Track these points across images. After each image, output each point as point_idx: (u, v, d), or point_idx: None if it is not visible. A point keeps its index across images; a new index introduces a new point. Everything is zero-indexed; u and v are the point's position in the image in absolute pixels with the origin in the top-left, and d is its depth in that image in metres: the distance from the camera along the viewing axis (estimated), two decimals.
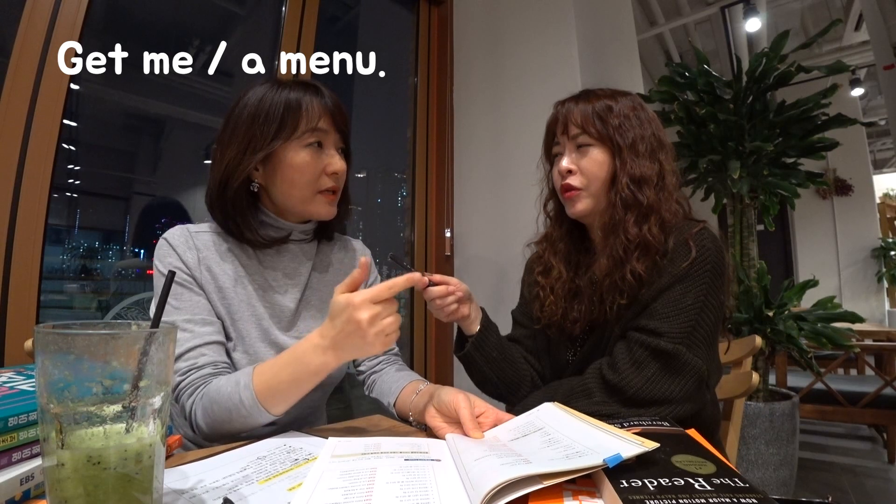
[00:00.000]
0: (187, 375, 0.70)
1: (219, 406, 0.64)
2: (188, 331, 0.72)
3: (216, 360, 0.73)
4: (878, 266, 5.14)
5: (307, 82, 0.81)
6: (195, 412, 0.68)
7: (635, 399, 0.72)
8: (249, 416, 0.63)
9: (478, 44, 2.22)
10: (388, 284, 0.61)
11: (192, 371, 0.70)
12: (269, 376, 0.63)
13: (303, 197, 0.79)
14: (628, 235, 0.77)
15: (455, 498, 0.44)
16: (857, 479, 2.25)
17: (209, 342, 0.73)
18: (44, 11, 1.23)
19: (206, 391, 0.67)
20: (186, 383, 0.69)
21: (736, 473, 0.42)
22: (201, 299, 0.76)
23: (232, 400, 0.63)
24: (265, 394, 0.63)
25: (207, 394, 0.67)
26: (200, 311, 0.75)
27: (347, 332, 0.59)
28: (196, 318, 0.73)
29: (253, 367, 0.65)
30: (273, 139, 0.75)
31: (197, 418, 0.67)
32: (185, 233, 0.79)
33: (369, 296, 0.59)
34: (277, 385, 0.62)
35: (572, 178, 0.83)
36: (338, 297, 0.60)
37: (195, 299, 0.75)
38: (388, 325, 0.60)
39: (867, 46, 4.31)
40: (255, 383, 0.63)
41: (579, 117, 0.83)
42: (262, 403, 0.62)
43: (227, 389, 0.64)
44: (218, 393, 0.65)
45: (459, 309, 0.84)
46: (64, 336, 0.33)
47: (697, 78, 2.09)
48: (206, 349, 0.72)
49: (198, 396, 0.68)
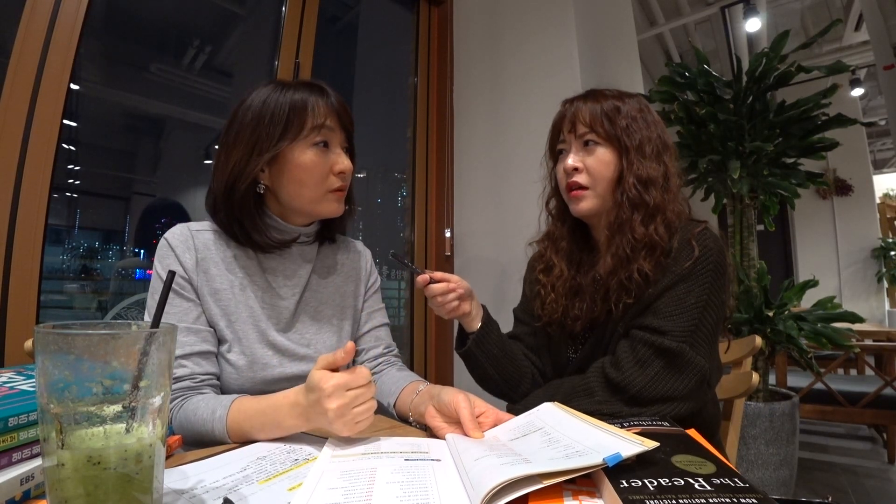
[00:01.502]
0: None
1: (191, 426, 0.66)
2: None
3: (194, 371, 0.73)
4: (878, 266, 5.14)
5: (311, 82, 0.81)
6: (173, 421, 0.69)
7: (638, 397, 0.72)
8: (222, 441, 0.65)
9: (478, 44, 2.22)
10: (365, 373, 0.60)
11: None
12: (243, 418, 0.64)
13: (312, 197, 0.79)
14: (635, 235, 0.78)
15: (455, 498, 0.44)
16: (857, 479, 2.25)
17: (189, 353, 0.73)
18: (44, 11, 1.23)
19: (184, 407, 0.68)
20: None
21: (736, 473, 0.42)
22: (191, 306, 0.75)
23: (205, 427, 0.65)
24: (234, 431, 0.64)
25: (184, 411, 0.68)
26: (187, 318, 0.74)
27: (317, 412, 0.58)
28: (180, 326, 0.73)
29: (233, 401, 0.66)
30: (280, 140, 0.75)
31: (176, 428, 0.69)
32: (186, 232, 0.79)
33: (342, 381, 0.57)
34: (248, 428, 0.63)
35: (578, 177, 0.84)
36: (313, 374, 0.58)
37: (184, 306, 0.75)
38: (358, 413, 0.57)
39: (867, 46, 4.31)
40: (229, 419, 0.64)
41: (588, 116, 0.83)
42: (229, 437, 0.64)
43: (203, 415, 0.66)
44: (194, 415, 0.67)
45: (461, 306, 0.84)
46: (64, 336, 0.33)
47: (697, 78, 2.09)
48: (185, 360, 0.73)
49: (175, 410, 0.69)
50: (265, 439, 0.63)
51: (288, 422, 0.61)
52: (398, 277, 2.35)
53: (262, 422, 0.63)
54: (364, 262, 0.96)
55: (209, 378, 0.74)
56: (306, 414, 0.59)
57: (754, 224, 2.13)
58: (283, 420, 0.61)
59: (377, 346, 0.92)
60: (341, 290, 0.91)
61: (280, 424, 0.62)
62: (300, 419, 0.60)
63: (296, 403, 0.60)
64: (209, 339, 0.76)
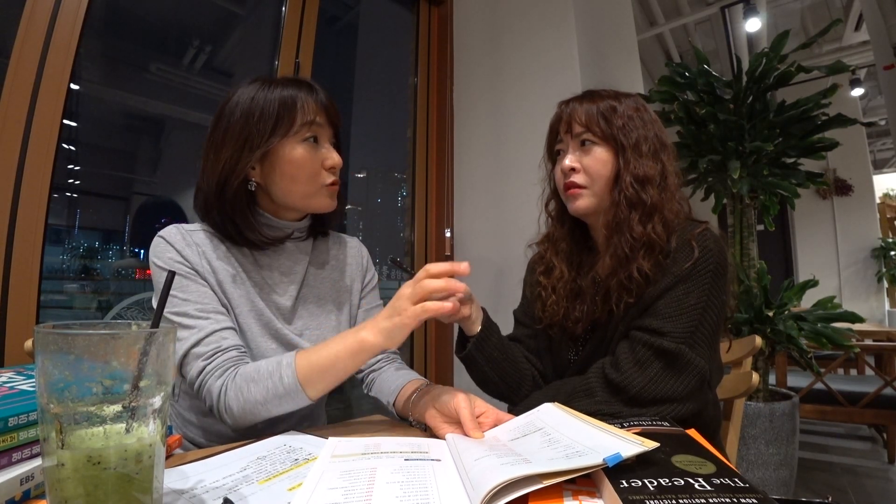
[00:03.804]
0: (213, 359, 0.69)
1: (256, 385, 0.65)
2: (204, 317, 0.72)
3: (238, 343, 0.73)
4: (878, 266, 5.14)
5: (299, 79, 0.81)
6: (226, 393, 0.67)
7: (638, 398, 0.72)
8: (286, 395, 0.64)
9: (478, 44, 2.22)
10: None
11: (218, 353, 0.69)
12: (311, 354, 0.66)
13: (305, 192, 0.79)
14: (633, 234, 0.78)
15: (455, 498, 0.44)
16: (857, 479, 2.25)
17: (227, 327, 0.73)
18: (44, 11, 1.23)
19: (241, 371, 0.67)
20: (214, 365, 0.68)
21: (736, 473, 0.42)
22: (208, 290, 0.75)
23: (272, 378, 0.65)
24: (305, 372, 0.64)
25: (242, 374, 0.67)
26: (210, 299, 0.74)
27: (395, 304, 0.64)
28: (208, 306, 0.73)
29: (296, 350, 0.68)
30: (271, 136, 0.75)
31: (228, 399, 0.66)
32: (181, 231, 0.79)
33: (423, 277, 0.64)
34: (317, 362, 0.65)
35: (575, 176, 0.84)
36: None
37: (202, 290, 0.75)
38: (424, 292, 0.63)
39: (867, 46, 4.31)
40: (298, 362, 0.65)
41: (584, 116, 0.83)
42: (301, 382, 0.64)
43: (268, 368, 0.66)
44: (257, 372, 0.66)
45: (460, 309, 0.84)
46: (64, 336, 0.33)
47: (697, 78, 2.09)
48: (227, 333, 0.72)
49: (230, 377, 0.67)
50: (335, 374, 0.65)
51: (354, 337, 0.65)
52: (398, 277, 2.35)
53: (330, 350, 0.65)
54: (360, 257, 0.96)
55: (248, 353, 0.75)
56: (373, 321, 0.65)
57: (754, 224, 2.13)
58: (348, 337, 0.65)
59: None
60: (337, 284, 0.91)
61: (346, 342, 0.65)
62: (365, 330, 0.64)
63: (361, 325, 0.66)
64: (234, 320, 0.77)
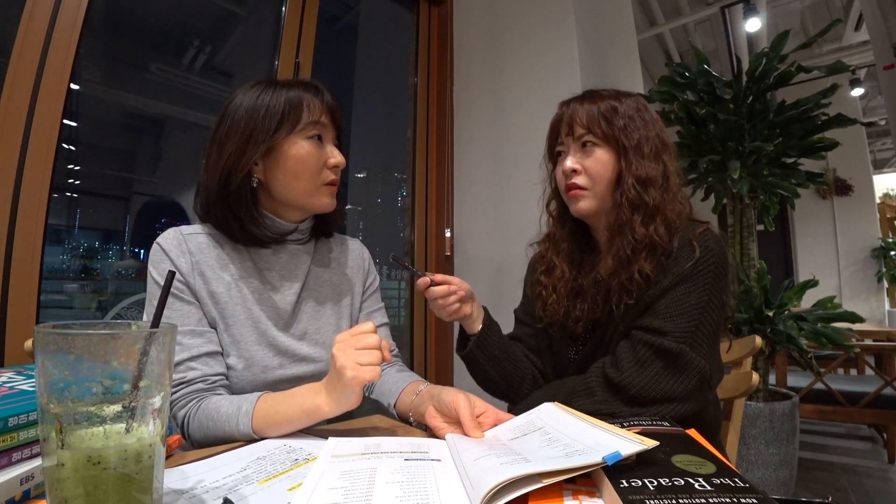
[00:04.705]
0: (178, 389, 0.71)
1: (215, 425, 0.66)
2: (177, 344, 0.72)
3: (206, 373, 0.73)
4: (878, 266, 5.14)
5: (305, 81, 0.81)
6: (188, 424, 0.69)
7: (638, 397, 0.72)
8: (242, 438, 0.65)
9: (478, 44, 2.22)
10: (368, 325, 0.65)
11: (183, 385, 0.71)
12: (269, 406, 0.65)
13: (307, 189, 0.79)
14: (636, 236, 0.78)
15: (455, 498, 0.44)
16: (857, 479, 2.25)
17: (198, 355, 0.73)
18: (44, 11, 1.23)
19: (203, 407, 0.68)
20: (177, 397, 0.70)
21: (736, 473, 0.42)
22: (192, 308, 0.75)
23: (230, 422, 0.65)
24: (261, 424, 0.64)
25: (205, 410, 0.68)
26: (190, 321, 0.74)
27: (332, 373, 0.62)
28: (184, 329, 0.73)
29: (258, 396, 0.67)
30: (276, 131, 0.76)
31: (191, 430, 0.69)
32: (179, 236, 0.78)
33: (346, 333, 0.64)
34: (273, 417, 0.64)
35: (577, 178, 0.84)
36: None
37: (185, 309, 0.75)
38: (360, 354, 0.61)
39: (867, 46, 4.31)
40: (256, 411, 0.65)
41: (585, 117, 0.83)
42: (255, 431, 0.64)
43: (228, 411, 0.66)
44: (217, 412, 0.67)
45: (461, 308, 0.84)
46: (64, 336, 0.33)
47: (697, 78, 2.09)
48: (195, 363, 0.72)
49: (192, 411, 0.69)
50: (289, 430, 0.65)
51: (308, 402, 0.64)
52: (398, 278, 2.35)
53: (285, 409, 0.64)
54: (362, 260, 0.96)
55: (220, 378, 0.74)
56: (326, 385, 0.63)
57: (754, 224, 2.13)
58: (304, 401, 0.64)
59: None
60: (339, 286, 0.91)
61: (301, 405, 0.64)
62: (320, 396, 0.63)
63: (318, 385, 0.65)
64: (214, 339, 0.76)
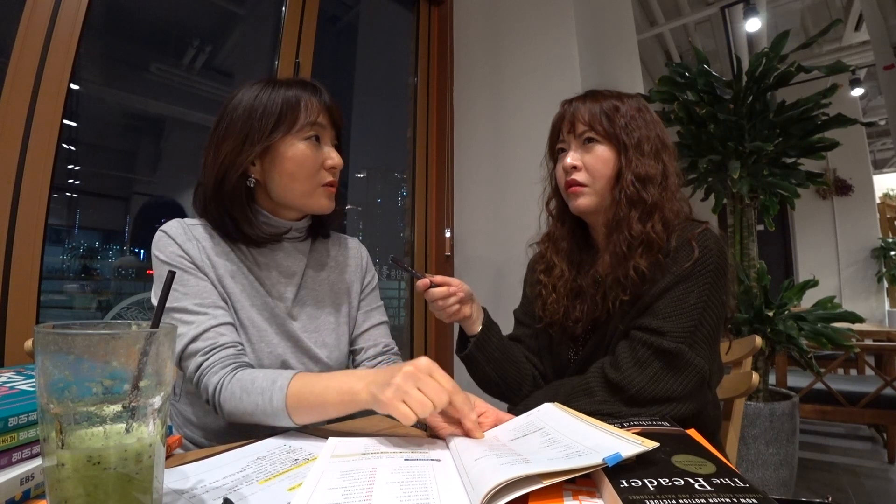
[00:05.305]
0: (210, 355, 0.69)
1: (248, 397, 0.65)
2: (202, 313, 0.72)
3: (235, 339, 0.73)
4: (878, 266, 5.13)
5: (304, 80, 0.81)
6: (221, 392, 0.67)
7: (637, 398, 0.72)
8: (273, 415, 0.64)
9: (478, 44, 2.22)
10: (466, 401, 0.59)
11: (216, 350, 0.70)
12: (302, 385, 0.63)
13: (304, 191, 0.79)
14: (632, 232, 0.78)
15: (455, 498, 0.44)
16: (857, 479, 2.25)
17: (225, 322, 0.73)
18: (44, 11, 1.23)
19: (239, 377, 0.67)
20: (211, 361, 0.69)
21: (736, 473, 0.42)
22: (207, 284, 0.75)
23: (263, 396, 0.64)
24: (294, 401, 0.63)
25: (240, 380, 0.66)
26: (209, 294, 0.74)
27: (386, 371, 0.59)
28: (206, 301, 0.73)
29: (295, 372, 0.66)
30: (272, 132, 0.75)
31: (223, 399, 0.67)
32: (182, 225, 0.79)
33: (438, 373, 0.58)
34: (307, 396, 0.62)
35: (577, 175, 0.84)
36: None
37: (202, 284, 0.75)
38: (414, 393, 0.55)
39: (867, 46, 4.31)
40: (290, 388, 0.63)
41: (587, 115, 0.84)
42: (288, 408, 0.63)
43: (263, 385, 0.64)
44: (252, 384, 0.65)
45: (461, 309, 0.84)
46: (64, 336, 0.33)
47: (697, 78, 2.09)
48: (224, 329, 0.72)
49: (226, 377, 0.67)
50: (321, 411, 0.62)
51: (346, 384, 0.60)
52: (398, 278, 2.35)
53: (321, 388, 0.62)
54: (359, 258, 0.96)
55: (244, 350, 0.74)
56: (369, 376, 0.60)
57: (754, 224, 2.13)
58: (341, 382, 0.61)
59: (376, 344, 0.92)
60: (336, 285, 0.91)
61: (339, 386, 0.61)
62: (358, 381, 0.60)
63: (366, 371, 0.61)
64: (232, 315, 0.76)
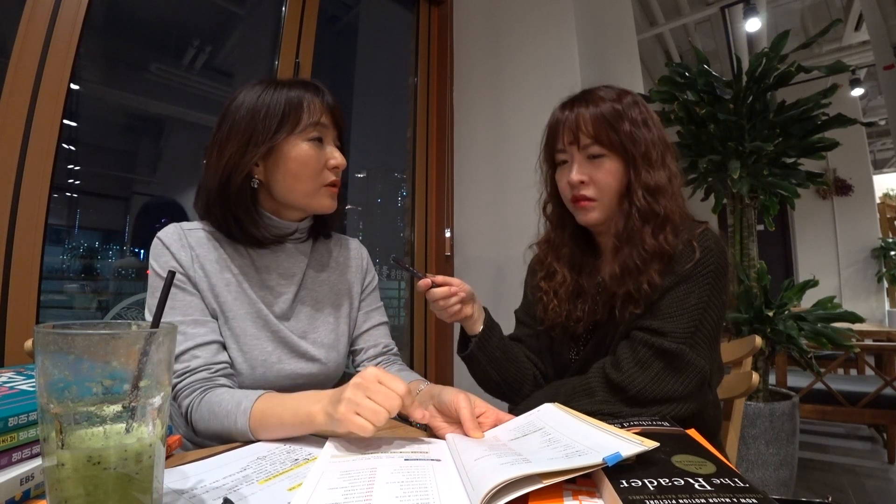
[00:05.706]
0: (182, 378, 0.71)
1: (215, 419, 0.66)
2: (180, 333, 0.73)
3: (209, 361, 0.73)
4: (878, 266, 5.14)
5: (306, 81, 0.81)
6: (191, 415, 0.69)
7: (638, 398, 0.72)
8: (241, 436, 0.65)
9: (478, 44, 2.22)
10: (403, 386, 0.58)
11: (187, 374, 0.71)
12: (266, 407, 0.64)
13: (307, 191, 0.80)
14: (646, 246, 0.77)
15: (455, 498, 0.44)
16: (857, 479, 2.25)
17: (201, 343, 0.73)
18: (44, 11, 1.23)
19: (207, 399, 0.68)
20: (182, 385, 0.71)
21: (736, 473, 0.42)
22: (194, 299, 0.76)
23: (228, 419, 0.65)
24: (256, 423, 0.64)
25: (208, 403, 0.68)
26: (193, 311, 0.75)
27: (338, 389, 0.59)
28: (188, 319, 0.74)
29: (260, 394, 0.66)
30: (276, 133, 0.76)
31: (193, 420, 0.69)
32: (179, 231, 0.79)
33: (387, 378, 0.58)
34: (268, 419, 0.63)
35: (585, 190, 0.82)
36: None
37: (188, 299, 0.75)
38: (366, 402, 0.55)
39: (867, 46, 4.31)
40: (253, 411, 0.64)
41: (590, 126, 0.80)
42: (251, 431, 0.64)
43: (228, 407, 0.66)
44: (219, 406, 0.67)
45: (462, 309, 0.84)
46: (64, 336, 0.33)
47: (697, 78, 2.09)
48: (199, 351, 0.73)
49: (195, 401, 0.69)
50: (282, 434, 0.63)
51: (304, 409, 0.60)
52: (398, 278, 2.35)
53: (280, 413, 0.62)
54: (360, 259, 0.96)
55: (223, 367, 0.75)
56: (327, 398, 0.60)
57: (754, 224, 2.13)
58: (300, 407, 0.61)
59: (376, 345, 0.92)
60: (337, 286, 0.91)
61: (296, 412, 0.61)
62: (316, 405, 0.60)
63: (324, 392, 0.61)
64: (216, 329, 0.76)
